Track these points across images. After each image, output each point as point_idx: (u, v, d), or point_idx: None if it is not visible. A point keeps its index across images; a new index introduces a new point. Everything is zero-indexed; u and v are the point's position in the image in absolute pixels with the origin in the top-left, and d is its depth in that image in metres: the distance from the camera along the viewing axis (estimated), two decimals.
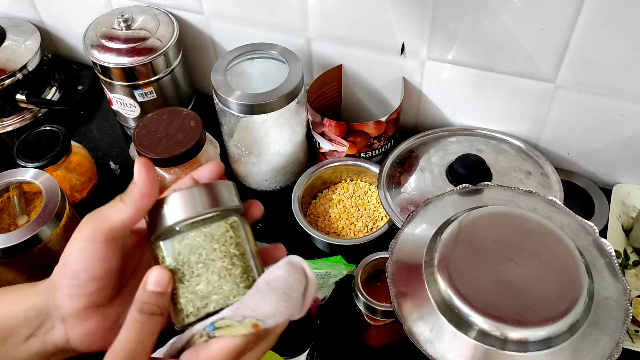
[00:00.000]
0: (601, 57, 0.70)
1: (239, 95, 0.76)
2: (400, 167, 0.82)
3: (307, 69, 0.89)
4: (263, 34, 0.87)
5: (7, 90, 0.94)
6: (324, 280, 0.70)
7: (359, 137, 0.81)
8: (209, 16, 0.90)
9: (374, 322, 0.67)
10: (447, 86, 0.84)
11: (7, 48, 0.96)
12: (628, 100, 0.73)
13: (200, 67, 0.99)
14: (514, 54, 0.74)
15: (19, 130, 0.98)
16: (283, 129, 0.80)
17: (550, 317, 0.54)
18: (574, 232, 0.63)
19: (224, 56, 0.82)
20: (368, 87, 0.89)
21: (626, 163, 0.81)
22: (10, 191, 0.76)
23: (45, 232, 0.70)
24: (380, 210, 0.81)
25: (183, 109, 0.79)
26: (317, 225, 0.81)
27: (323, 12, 0.81)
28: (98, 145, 0.97)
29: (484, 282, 0.57)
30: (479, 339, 0.54)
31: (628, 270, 0.75)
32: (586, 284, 0.56)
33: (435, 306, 0.57)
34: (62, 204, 0.72)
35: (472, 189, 0.70)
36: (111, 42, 0.86)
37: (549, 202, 0.67)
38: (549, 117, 0.80)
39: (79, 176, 0.85)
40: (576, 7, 0.67)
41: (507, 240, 0.60)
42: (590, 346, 0.55)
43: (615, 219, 0.77)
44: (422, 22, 0.76)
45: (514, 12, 0.70)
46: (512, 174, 0.78)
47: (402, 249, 0.64)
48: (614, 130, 0.78)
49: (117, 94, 0.89)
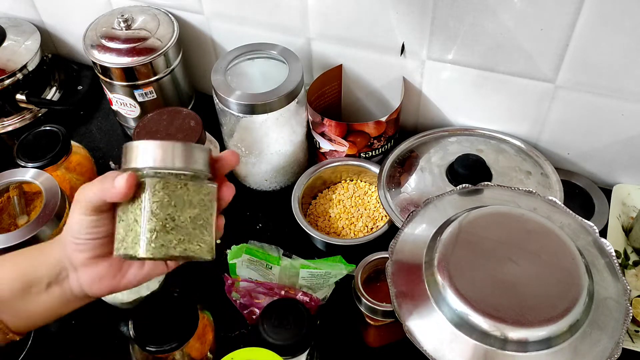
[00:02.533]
0: (601, 57, 0.70)
1: (239, 95, 0.76)
2: (400, 167, 0.82)
3: (307, 69, 0.89)
4: (263, 34, 0.87)
5: (7, 90, 0.94)
6: (324, 280, 0.70)
7: (359, 137, 0.81)
8: (209, 16, 0.90)
9: (374, 322, 0.67)
10: (447, 86, 0.84)
11: (7, 48, 0.96)
12: (628, 100, 0.73)
13: (200, 67, 0.99)
14: (514, 54, 0.74)
15: (19, 130, 0.98)
16: (283, 129, 0.80)
17: (550, 317, 0.54)
18: (574, 232, 0.63)
19: (224, 56, 0.82)
20: (368, 87, 0.89)
21: (626, 163, 0.81)
22: (10, 191, 0.77)
23: (45, 232, 0.70)
24: (380, 210, 0.81)
25: (183, 109, 0.80)
26: (317, 225, 0.81)
27: (323, 12, 0.81)
28: (98, 145, 0.97)
29: (484, 282, 0.57)
30: (479, 339, 0.54)
31: (628, 270, 0.75)
32: (586, 284, 0.56)
33: (435, 306, 0.57)
34: (62, 204, 0.72)
35: (472, 189, 0.70)
36: (111, 42, 0.86)
37: (549, 202, 0.67)
38: (549, 117, 0.80)
39: (79, 176, 0.85)
40: (576, 7, 0.67)
41: (507, 240, 0.60)
42: (590, 346, 0.55)
43: (615, 219, 0.77)
44: (422, 22, 0.76)
45: (514, 12, 0.70)
46: (512, 174, 0.78)
47: (402, 249, 0.64)
48: (614, 130, 0.78)
49: (117, 94, 0.89)
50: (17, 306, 0.53)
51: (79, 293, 0.54)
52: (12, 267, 0.54)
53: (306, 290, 0.69)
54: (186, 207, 0.48)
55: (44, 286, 0.53)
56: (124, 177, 0.47)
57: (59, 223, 0.72)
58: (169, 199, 0.48)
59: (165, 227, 0.48)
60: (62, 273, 0.53)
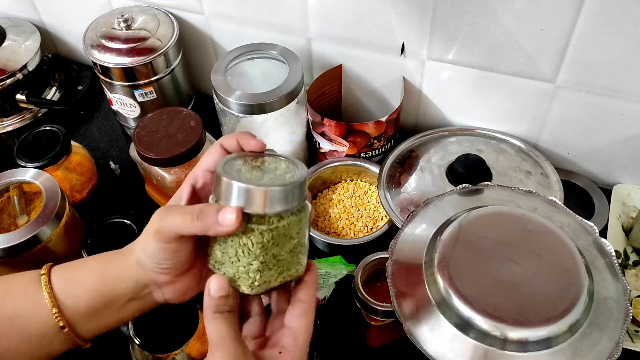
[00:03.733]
0: (601, 57, 0.70)
1: (239, 95, 0.76)
2: (400, 167, 0.82)
3: (307, 69, 0.89)
4: (263, 34, 0.87)
5: (7, 90, 0.94)
6: (324, 280, 0.70)
7: (359, 137, 0.81)
8: (209, 16, 0.90)
9: (374, 322, 0.67)
10: (447, 86, 0.84)
11: (7, 48, 0.96)
12: (628, 100, 0.73)
13: (200, 67, 0.99)
14: (514, 54, 0.74)
15: (19, 130, 0.98)
16: (283, 129, 0.80)
17: (550, 317, 0.54)
18: (574, 232, 0.63)
19: (224, 56, 0.82)
20: (368, 87, 0.89)
21: (626, 163, 0.81)
22: (10, 191, 0.76)
23: (45, 232, 0.70)
24: (380, 210, 0.81)
25: (183, 109, 0.80)
26: (317, 225, 0.81)
27: (323, 12, 0.81)
28: (98, 145, 0.97)
29: (484, 282, 0.57)
30: (479, 339, 0.54)
31: (628, 270, 0.75)
32: (586, 284, 0.56)
33: (435, 306, 0.57)
34: (62, 204, 0.72)
35: (472, 189, 0.70)
36: (111, 42, 0.86)
37: (549, 202, 0.67)
38: (549, 117, 0.80)
39: (79, 176, 0.85)
40: (576, 7, 0.67)
41: (507, 240, 0.60)
42: (590, 346, 0.55)
43: (615, 219, 0.77)
44: (422, 22, 0.76)
45: (514, 12, 0.70)
46: (512, 174, 0.78)
47: (402, 249, 0.64)
48: (613, 130, 0.78)
49: (117, 94, 0.89)
50: (96, 320, 0.52)
51: (161, 302, 0.53)
52: (89, 285, 0.51)
53: None
54: (286, 242, 0.47)
55: (123, 302, 0.51)
56: (232, 212, 0.44)
57: (59, 223, 0.72)
58: (273, 240, 0.46)
59: (267, 265, 0.47)
60: (144, 290, 0.51)
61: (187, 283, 0.52)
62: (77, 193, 0.85)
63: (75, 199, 0.85)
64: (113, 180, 0.92)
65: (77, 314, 0.51)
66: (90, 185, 0.87)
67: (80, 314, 0.51)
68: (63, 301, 0.50)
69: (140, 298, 0.52)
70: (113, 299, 0.51)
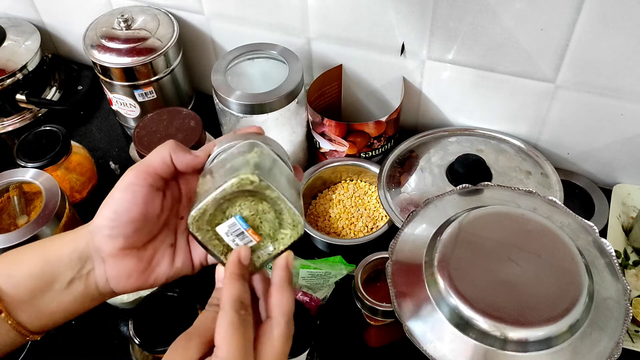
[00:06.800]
0: (601, 57, 0.70)
1: (239, 95, 0.76)
2: (400, 167, 0.82)
3: (307, 69, 0.89)
4: (263, 34, 0.87)
5: (7, 90, 0.94)
6: (324, 280, 0.70)
7: (359, 137, 0.81)
8: (209, 16, 0.90)
9: (374, 322, 0.67)
10: (447, 86, 0.84)
11: (7, 48, 0.96)
12: (628, 100, 0.73)
13: (200, 67, 0.99)
14: (514, 54, 0.74)
15: (19, 130, 0.98)
16: (283, 129, 0.80)
17: (550, 317, 0.54)
18: (574, 232, 0.63)
19: (224, 56, 0.82)
20: (368, 87, 0.89)
21: (626, 163, 0.81)
22: (10, 191, 0.76)
23: (45, 232, 0.70)
24: (380, 210, 0.81)
25: (183, 109, 0.80)
26: (317, 225, 0.81)
27: (323, 12, 0.81)
28: (98, 145, 0.97)
29: (484, 282, 0.57)
30: (479, 339, 0.54)
31: (628, 270, 0.75)
32: (586, 284, 0.56)
33: (435, 306, 0.57)
34: (62, 204, 0.72)
35: (472, 189, 0.70)
36: (111, 42, 0.86)
37: (549, 202, 0.67)
38: (549, 117, 0.80)
39: (79, 176, 0.85)
40: (576, 7, 0.67)
41: (507, 240, 0.60)
42: (590, 346, 0.55)
43: (615, 219, 0.77)
44: (422, 22, 0.76)
45: (514, 12, 0.70)
46: (512, 174, 0.78)
47: (402, 249, 0.64)
48: (613, 130, 0.78)
49: (117, 94, 0.89)
50: (37, 305, 0.49)
51: (103, 288, 0.51)
52: (30, 264, 0.49)
53: (306, 290, 0.69)
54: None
55: (65, 283, 0.49)
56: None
57: (59, 223, 0.72)
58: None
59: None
60: (86, 265, 0.49)
61: (132, 264, 0.50)
62: (77, 193, 0.85)
63: (75, 199, 0.85)
64: (113, 181, 0.91)
65: (16, 297, 0.49)
66: (90, 185, 0.87)
67: (19, 297, 0.49)
68: (0, 283, 0.48)
69: (82, 277, 0.50)
70: (54, 277, 0.49)
